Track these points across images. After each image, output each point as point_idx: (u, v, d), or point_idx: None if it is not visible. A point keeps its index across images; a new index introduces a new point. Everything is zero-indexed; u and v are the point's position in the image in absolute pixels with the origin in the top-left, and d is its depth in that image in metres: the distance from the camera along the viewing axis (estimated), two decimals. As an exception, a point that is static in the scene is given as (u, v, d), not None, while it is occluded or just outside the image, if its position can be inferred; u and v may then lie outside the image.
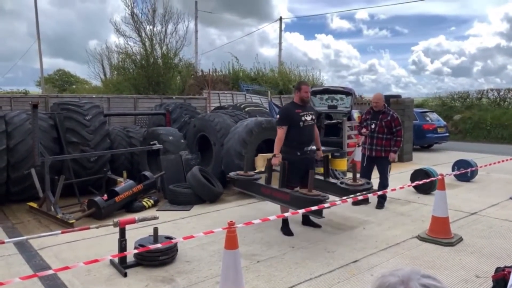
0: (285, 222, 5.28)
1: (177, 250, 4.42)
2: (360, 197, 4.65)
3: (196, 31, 25.43)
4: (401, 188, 5.09)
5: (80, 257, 4.36)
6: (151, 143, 7.85)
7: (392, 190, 5.04)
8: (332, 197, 5.06)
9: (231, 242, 3.07)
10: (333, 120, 12.06)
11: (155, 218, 4.56)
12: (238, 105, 11.63)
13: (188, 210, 6.45)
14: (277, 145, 5.16)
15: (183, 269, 4.13)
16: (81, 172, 7.20)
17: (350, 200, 4.71)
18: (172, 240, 3.79)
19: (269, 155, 7.31)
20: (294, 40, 63.60)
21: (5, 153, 6.51)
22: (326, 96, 11.46)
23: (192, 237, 3.31)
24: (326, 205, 4.24)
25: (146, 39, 19.29)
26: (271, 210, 5.94)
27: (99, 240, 5.03)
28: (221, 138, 7.92)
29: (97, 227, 4.59)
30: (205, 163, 8.22)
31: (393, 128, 6.28)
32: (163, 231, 4.55)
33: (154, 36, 19.44)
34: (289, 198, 4.78)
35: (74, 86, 34.37)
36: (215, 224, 5.45)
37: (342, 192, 5.20)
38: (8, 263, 4.37)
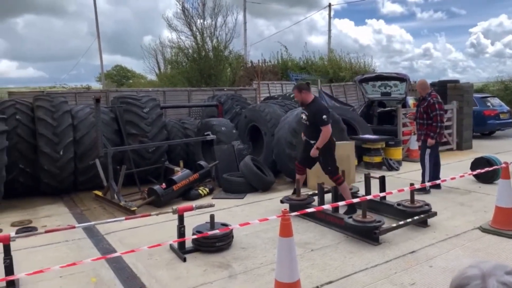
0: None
1: (232, 237, 4.55)
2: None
3: (245, 23, 25.60)
4: (461, 176, 4.88)
5: (142, 242, 4.61)
6: (205, 133, 8.08)
7: (452, 178, 4.84)
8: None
9: (286, 229, 3.11)
10: (387, 108, 11.70)
11: (211, 205, 4.73)
12: (287, 94, 11.61)
13: (242, 198, 6.60)
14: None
15: (239, 256, 4.25)
16: (140, 162, 7.58)
17: (407, 189, 4.59)
18: (228, 227, 3.91)
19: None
20: (344, 27, 62.03)
21: (72, 144, 7.00)
22: (379, 83, 11.13)
23: (247, 224, 3.41)
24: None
25: (197, 33, 19.72)
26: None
27: (159, 226, 5.29)
28: (272, 128, 7.98)
29: (157, 214, 4.84)
30: (256, 153, 8.33)
31: (430, 113, 6.41)
32: (219, 219, 4.69)
33: (205, 29, 19.83)
34: (343, 224, 4.73)
35: (130, 81, 35.93)
36: (268, 212, 5.54)
37: (399, 214, 5.07)
38: (79, 246, 4.73)
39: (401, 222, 4.71)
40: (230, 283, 3.63)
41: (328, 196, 5.62)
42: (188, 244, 4.43)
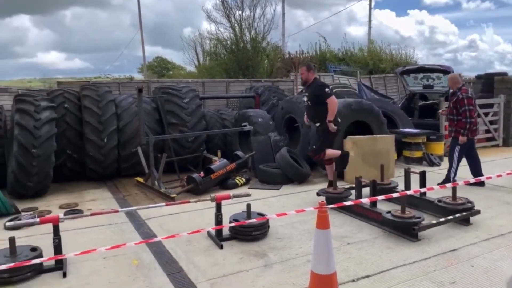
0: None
1: (268, 226, 4.60)
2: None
3: (283, 14, 25.38)
4: (508, 174, 4.67)
5: (181, 228, 4.76)
6: (242, 124, 8.16)
7: (498, 176, 4.65)
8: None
9: (323, 221, 3.12)
10: (429, 101, 11.32)
11: (248, 195, 4.79)
12: (326, 86, 11.46)
13: (278, 189, 6.64)
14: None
15: (275, 245, 4.30)
16: (180, 151, 7.78)
17: (449, 186, 4.46)
18: (266, 216, 3.96)
19: (359, 137, 7.20)
20: (385, 18, 60.20)
21: (116, 133, 7.29)
22: (421, 75, 10.79)
23: (284, 214, 3.45)
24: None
25: (236, 24, 19.81)
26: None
27: (197, 213, 5.43)
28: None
29: (195, 202, 4.97)
30: (293, 145, 8.32)
31: (459, 109, 6.24)
32: (255, 208, 4.76)
33: (243, 21, 19.89)
34: (381, 219, 4.65)
35: (171, 72, 36.65)
36: (304, 204, 5.55)
37: (439, 211, 4.94)
38: (122, 230, 4.95)
39: (442, 219, 4.59)
40: (266, 272, 3.68)
41: (365, 190, 5.55)
42: (225, 232, 4.52)
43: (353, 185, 5.70)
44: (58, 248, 3.79)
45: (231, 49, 19.64)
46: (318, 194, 5.69)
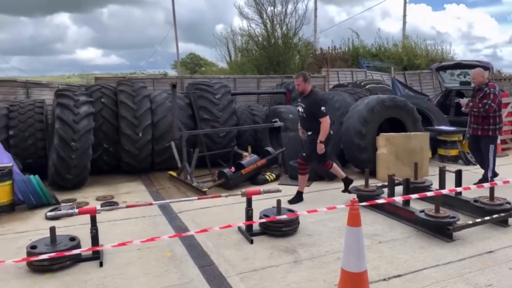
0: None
1: (298, 223, 4.61)
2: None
3: (316, 9, 25.08)
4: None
5: (212, 222, 4.85)
6: (273, 120, 8.17)
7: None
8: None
9: (354, 219, 3.09)
10: (466, 98, 10.93)
11: (278, 191, 4.81)
12: (358, 82, 11.32)
13: (308, 186, 6.60)
14: None
15: (305, 242, 4.30)
16: (211, 146, 7.90)
17: (486, 185, 4.32)
18: (296, 213, 3.97)
19: (392, 134, 7.06)
20: (421, 12, 58.24)
21: (150, 127, 7.49)
22: (458, 72, 10.42)
23: (315, 211, 3.44)
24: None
25: (267, 20, 19.79)
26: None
27: (228, 208, 5.50)
28: (340, 117, 7.85)
29: (226, 196, 5.05)
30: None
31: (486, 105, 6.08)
32: (285, 204, 4.77)
33: (275, 16, 19.84)
34: (414, 218, 4.55)
35: (203, 68, 37.09)
36: (335, 201, 5.50)
37: (476, 211, 4.79)
38: (155, 223, 5.09)
39: (478, 220, 4.45)
40: (295, 268, 3.70)
41: (398, 189, 5.45)
42: (255, 227, 4.56)
43: (386, 183, 5.61)
44: (95, 239, 3.94)
45: (263, 45, 19.65)
46: (349, 191, 5.63)
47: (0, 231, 4.86)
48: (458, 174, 5.26)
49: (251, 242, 4.30)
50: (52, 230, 3.85)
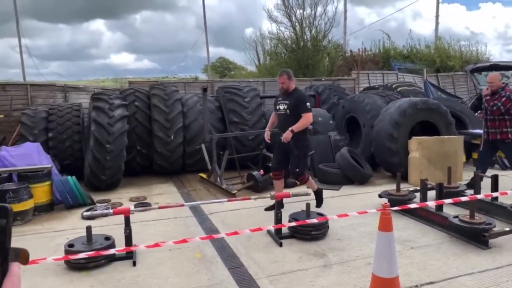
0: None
1: (328, 227, 4.59)
2: None
3: (345, 11, 24.74)
4: None
5: (242, 224, 4.90)
6: (302, 123, 8.15)
7: None
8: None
9: (386, 224, 3.07)
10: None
11: (308, 194, 4.81)
12: (389, 85, 11.14)
13: (338, 190, 6.57)
14: (268, 123, 5.75)
15: (334, 246, 4.28)
16: (241, 149, 7.97)
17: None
18: (326, 217, 3.96)
19: (425, 138, 6.91)
20: (454, 12, 56.39)
21: (182, 130, 7.65)
22: (494, 73, 10.07)
23: (345, 215, 3.43)
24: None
25: (297, 23, 19.81)
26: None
27: (257, 210, 5.54)
28: (371, 120, 7.75)
29: (255, 199, 5.09)
30: (354, 145, 8.18)
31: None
32: (314, 208, 4.76)
33: (304, 19, 19.82)
34: (447, 224, 4.44)
35: (232, 72, 37.42)
36: (365, 206, 5.43)
37: None
38: (186, 223, 5.19)
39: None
40: (325, 272, 3.69)
41: (430, 194, 5.32)
42: (284, 230, 4.58)
43: (417, 188, 5.49)
44: (128, 238, 4.06)
45: (291, 48, 19.67)
46: (380, 196, 5.56)
47: (40, 229, 5.09)
48: (494, 179, 5.09)
49: (280, 245, 4.31)
50: (89, 229, 4.00)
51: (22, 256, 0.60)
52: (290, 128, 5.05)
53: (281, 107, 5.30)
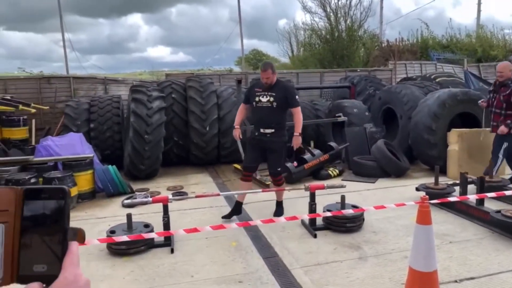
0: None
1: (363, 219, 4.55)
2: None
3: (381, 0, 24.17)
4: None
5: (276, 215, 4.94)
6: (336, 115, 8.08)
7: None
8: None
9: (424, 217, 3.01)
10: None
11: (343, 186, 4.79)
12: (427, 75, 10.81)
13: (373, 182, 6.49)
14: (236, 117, 5.14)
15: (370, 239, 4.24)
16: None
17: None
18: (362, 208, 3.94)
19: (465, 130, 6.68)
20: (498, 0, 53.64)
21: (217, 121, 7.76)
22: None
23: (382, 207, 3.40)
24: None
25: (331, 13, 19.49)
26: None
27: (291, 201, 5.56)
28: (409, 111, 7.56)
29: (289, 190, 5.11)
30: (390, 137, 8.02)
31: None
32: (349, 200, 4.72)
33: (339, 9, 19.47)
34: (489, 218, 4.29)
35: (265, 64, 37.41)
36: (401, 199, 5.34)
37: None
38: (221, 213, 5.28)
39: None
40: (360, 264, 3.67)
41: (469, 188, 5.16)
42: (318, 221, 4.58)
43: (457, 181, 5.34)
44: (167, 226, 4.20)
45: (326, 39, 19.41)
46: (417, 189, 5.44)
47: (83, 216, 5.34)
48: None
49: (315, 236, 4.33)
50: (129, 217, 4.15)
51: (79, 235, 0.64)
52: (297, 133, 4.79)
53: (264, 99, 4.72)
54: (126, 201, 5.58)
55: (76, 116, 7.78)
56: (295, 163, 6.72)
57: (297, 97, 4.88)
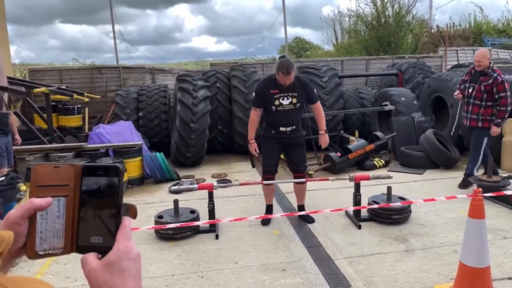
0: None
1: (410, 211, 4.43)
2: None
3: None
4: None
5: (318, 204, 4.91)
6: (383, 104, 7.86)
7: None
8: None
9: (477, 210, 2.89)
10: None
11: (389, 177, 4.68)
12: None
13: (421, 174, 6.28)
14: (249, 130, 4.44)
15: (417, 232, 4.13)
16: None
17: None
18: (410, 201, 3.83)
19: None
20: None
21: (260, 111, 7.77)
22: None
23: (432, 200, 3.31)
24: None
25: (378, -1, 18.80)
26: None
27: (334, 192, 5.51)
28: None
29: (333, 180, 5.07)
30: (440, 126, 7.69)
31: (495, 95, 5.07)
32: (395, 192, 4.61)
33: (386, -6, 18.76)
34: None
35: (308, 52, 36.90)
36: (451, 192, 5.15)
37: None
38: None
39: None
40: (406, 257, 3.60)
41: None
42: (363, 212, 4.52)
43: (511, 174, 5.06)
44: (212, 212, 4.30)
45: (372, 25, 18.78)
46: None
47: (132, 201, 5.58)
48: None
49: (359, 227, 4.27)
50: (176, 202, 4.30)
51: (132, 211, 0.67)
52: (322, 130, 4.40)
53: (286, 101, 4.15)
54: (173, 188, 5.77)
55: (126, 104, 8.08)
56: (339, 153, 6.63)
57: (315, 90, 4.42)
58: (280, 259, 3.67)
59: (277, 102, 4.16)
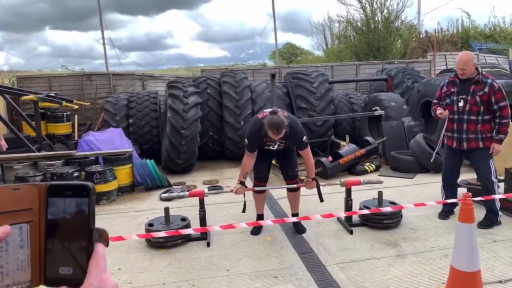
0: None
1: (401, 216, 4.45)
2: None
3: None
4: None
5: (310, 210, 4.89)
6: (373, 109, 7.91)
7: None
8: None
9: (467, 214, 2.91)
10: None
11: (380, 182, 4.69)
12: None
13: (411, 178, 6.32)
14: (241, 171, 4.46)
15: (408, 236, 4.15)
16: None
17: None
18: (401, 206, 3.85)
19: None
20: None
21: (251, 116, 7.75)
22: None
23: (422, 205, 3.31)
24: None
25: (367, 4, 18.98)
26: None
27: (325, 197, 5.40)
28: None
29: (324, 185, 5.05)
30: (430, 131, 7.76)
31: (494, 105, 4.10)
32: (386, 196, 4.64)
33: (375, 0, 18.94)
34: None
35: (299, 58, 37.07)
36: (441, 196, 5.18)
37: None
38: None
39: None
40: (398, 262, 3.60)
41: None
42: (354, 218, 4.52)
43: (502, 177, 5.10)
44: (203, 220, 4.27)
45: (361, 31, 18.95)
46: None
47: (123, 209, 5.53)
48: None
49: (351, 232, 4.27)
50: (166, 210, 4.25)
51: (104, 237, 0.58)
52: (310, 178, 4.45)
53: (274, 147, 4.30)
54: (163, 195, 5.72)
55: (116, 111, 8.03)
56: (330, 158, 6.65)
57: (304, 138, 4.23)
58: (272, 266, 3.65)
59: (266, 147, 4.29)
